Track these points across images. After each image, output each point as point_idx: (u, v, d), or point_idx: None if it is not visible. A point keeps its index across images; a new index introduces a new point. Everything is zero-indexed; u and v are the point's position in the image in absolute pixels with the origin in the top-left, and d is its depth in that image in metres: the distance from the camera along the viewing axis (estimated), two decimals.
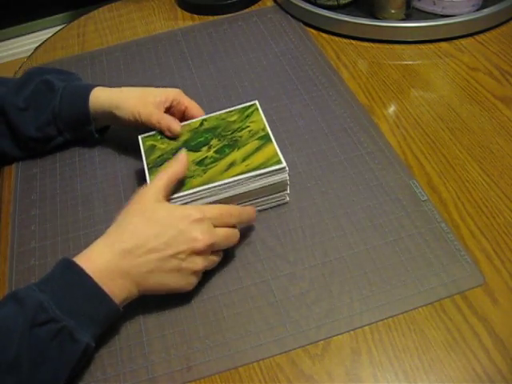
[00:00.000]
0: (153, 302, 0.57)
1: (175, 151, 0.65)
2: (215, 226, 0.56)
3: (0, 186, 0.76)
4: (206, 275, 0.60)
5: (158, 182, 0.57)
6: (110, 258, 0.52)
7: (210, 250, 0.56)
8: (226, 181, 0.61)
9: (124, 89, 0.73)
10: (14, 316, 0.48)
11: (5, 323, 0.48)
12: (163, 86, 0.74)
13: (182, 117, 0.72)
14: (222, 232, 0.57)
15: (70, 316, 0.49)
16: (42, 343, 0.48)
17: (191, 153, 0.65)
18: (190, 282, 0.56)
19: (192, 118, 0.71)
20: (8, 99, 0.73)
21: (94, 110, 0.72)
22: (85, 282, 0.51)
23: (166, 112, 0.70)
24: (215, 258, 0.57)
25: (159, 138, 0.68)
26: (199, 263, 0.55)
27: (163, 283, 0.54)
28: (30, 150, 0.76)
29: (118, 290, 0.52)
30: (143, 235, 0.53)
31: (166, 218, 0.55)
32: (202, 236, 0.54)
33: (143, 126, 0.70)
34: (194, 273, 0.55)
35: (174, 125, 0.68)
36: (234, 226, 0.59)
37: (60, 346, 0.49)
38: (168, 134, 0.68)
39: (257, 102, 0.70)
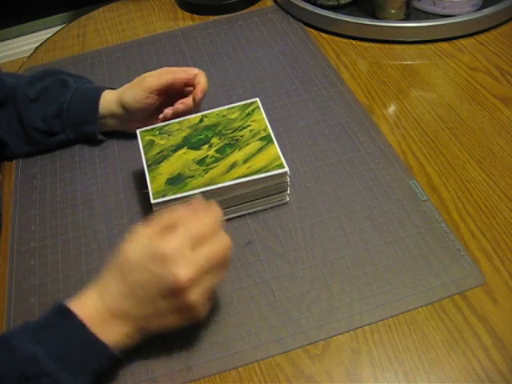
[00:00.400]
0: None
1: (175, 148, 0.65)
2: (196, 248, 0.49)
3: (0, 186, 0.76)
4: None
5: (150, 227, 0.50)
6: (104, 310, 0.49)
7: (201, 277, 0.48)
8: (228, 183, 0.61)
9: (127, 85, 0.74)
10: (6, 367, 0.46)
11: None
12: None
13: (183, 93, 0.74)
14: (206, 252, 0.49)
15: (65, 369, 0.47)
16: None
17: (191, 151, 0.65)
18: (195, 314, 0.50)
19: (190, 84, 0.73)
20: (20, 89, 0.74)
21: (103, 109, 0.74)
22: (81, 332, 0.48)
23: (164, 97, 0.74)
24: (214, 279, 0.50)
25: (158, 133, 0.68)
26: (193, 296, 0.48)
27: (164, 325, 0.51)
28: (32, 143, 0.76)
29: (115, 336, 0.49)
30: (129, 295, 0.49)
31: (140, 265, 0.48)
32: (182, 272, 0.47)
33: (154, 108, 0.73)
34: (192, 306, 0.49)
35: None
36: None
37: None
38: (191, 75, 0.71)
39: (258, 99, 0.70)
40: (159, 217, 0.51)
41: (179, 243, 0.48)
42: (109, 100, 0.74)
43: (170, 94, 0.73)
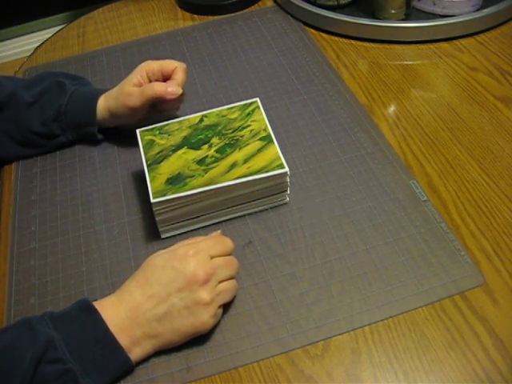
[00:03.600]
0: None
1: (174, 148, 0.65)
2: (212, 257, 0.54)
3: (0, 186, 0.76)
4: None
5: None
6: (123, 315, 0.51)
7: (213, 280, 0.53)
8: (228, 183, 0.61)
9: (113, 94, 0.74)
10: (24, 347, 0.48)
11: (14, 353, 0.48)
12: None
13: (164, 81, 0.74)
14: (220, 260, 0.55)
15: (78, 360, 0.49)
16: (45, 382, 0.47)
17: (191, 150, 0.65)
18: (203, 319, 0.52)
19: (171, 76, 0.73)
20: (18, 94, 0.74)
21: (98, 115, 0.74)
22: (99, 328, 0.50)
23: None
24: (224, 287, 0.54)
25: (158, 132, 0.68)
26: (205, 295, 0.52)
27: (176, 328, 0.52)
28: (32, 146, 0.76)
29: (130, 343, 0.51)
30: (147, 295, 0.52)
31: (164, 265, 0.53)
32: (199, 267, 0.52)
33: (146, 115, 0.74)
34: (204, 307, 0.52)
35: (170, 86, 0.71)
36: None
37: None
38: (170, 96, 0.70)
39: (258, 99, 0.70)
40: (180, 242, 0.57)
41: (201, 251, 0.54)
42: (101, 109, 0.74)
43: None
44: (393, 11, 0.88)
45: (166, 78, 0.73)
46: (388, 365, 0.52)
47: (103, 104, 0.74)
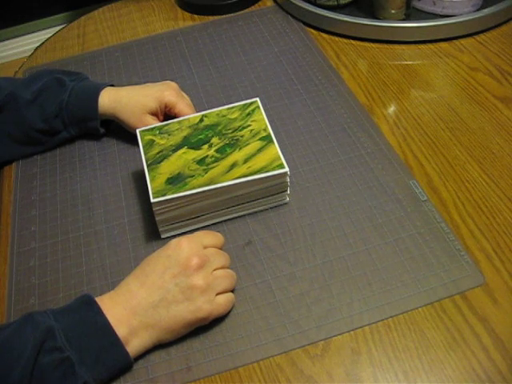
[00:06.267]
0: None
1: (174, 147, 0.65)
2: (205, 247, 0.56)
3: (0, 186, 0.76)
4: None
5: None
6: (121, 308, 0.52)
7: (207, 266, 0.54)
8: (228, 183, 0.61)
9: (124, 95, 0.75)
10: (26, 338, 0.48)
11: (15, 344, 0.48)
12: None
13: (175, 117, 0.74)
14: (213, 250, 0.57)
15: (76, 349, 0.49)
16: (45, 371, 0.48)
17: (191, 150, 0.65)
18: (198, 304, 0.53)
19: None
20: (17, 94, 0.74)
21: (100, 109, 0.75)
22: (98, 319, 0.51)
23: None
24: (220, 274, 0.55)
25: (158, 132, 0.68)
26: (199, 280, 0.53)
27: (172, 315, 0.52)
28: (34, 144, 0.76)
29: (127, 333, 0.51)
30: (143, 284, 0.54)
31: (159, 255, 0.55)
32: (193, 253, 0.54)
33: None
34: (199, 292, 0.53)
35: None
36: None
37: (61, 377, 0.48)
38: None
39: (258, 99, 0.70)
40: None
41: (194, 240, 0.56)
42: (105, 107, 0.74)
43: None
44: (393, 11, 0.88)
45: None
46: (388, 365, 0.52)
47: (107, 103, 0.74)
